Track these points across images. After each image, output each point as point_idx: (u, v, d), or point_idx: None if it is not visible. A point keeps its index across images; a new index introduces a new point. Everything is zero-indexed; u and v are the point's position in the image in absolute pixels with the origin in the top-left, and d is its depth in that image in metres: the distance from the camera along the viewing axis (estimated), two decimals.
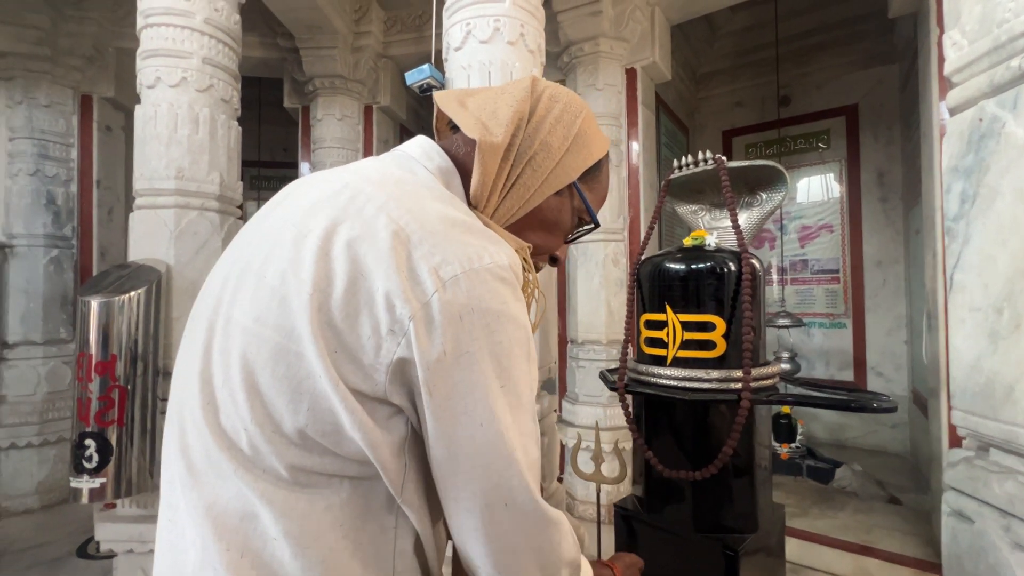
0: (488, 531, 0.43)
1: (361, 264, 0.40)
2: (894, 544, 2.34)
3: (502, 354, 0.42)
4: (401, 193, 0.45)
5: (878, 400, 1.00)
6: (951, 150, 0.96)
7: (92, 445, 1.56)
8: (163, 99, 1.86)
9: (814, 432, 3.97)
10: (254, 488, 0.41)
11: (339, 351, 0.40)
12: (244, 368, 0.41)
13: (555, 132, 0.55)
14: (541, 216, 0.57)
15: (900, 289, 3.72)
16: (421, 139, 0.56)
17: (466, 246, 0.42)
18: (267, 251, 0.44)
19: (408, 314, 0.39)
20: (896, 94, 3.72)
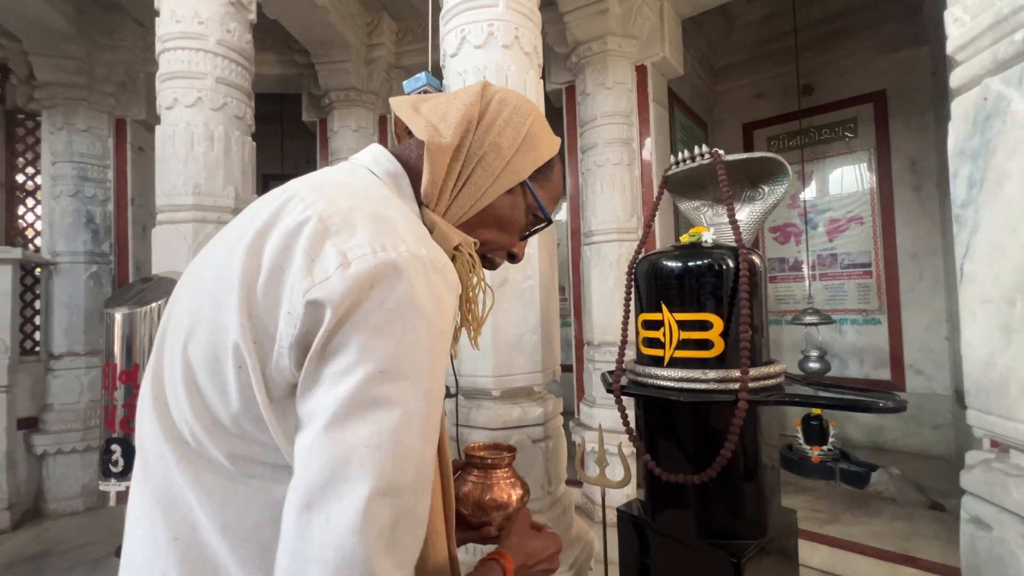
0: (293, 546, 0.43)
1: (282, 257, 0.41)
2: (935, 553, 2.20)
3: (399, 340, 0.40)
4: (336, 195, 0.46)
5: (885, 400, 0.94)
6: (957, 132, 0.90)
7: (118, 450, 1.64)
8: (180, 119, 1.95)
9: (849, 434, 3.79)
10: (196, 480, 0.43)
11: (264, 340, 0.41)
12: (184, 364, 0.44)
13: (504, 133, 0.57)
14: (494, 214, 0.59)
15: (939, 282, 3.52)
16: (373, 147, 0.59)
17: (382, 235, 0.42)
18: (210, 257, 0.48)
19: (303, 289, 0.39)
20: (928, 77, 3.54)
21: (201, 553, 0.43)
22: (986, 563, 0.85)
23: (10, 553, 2.60)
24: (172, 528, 0.43)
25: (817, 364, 3.29)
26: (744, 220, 1.30)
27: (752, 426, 1.12)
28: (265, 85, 3.80)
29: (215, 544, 0.43)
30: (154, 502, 0.44)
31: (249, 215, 0.49)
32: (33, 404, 3.20)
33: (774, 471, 1.21)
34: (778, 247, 4.23)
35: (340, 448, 0.37)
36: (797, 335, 3.91)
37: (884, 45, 3.74)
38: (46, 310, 3.27)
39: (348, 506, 0.36)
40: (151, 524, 0.44)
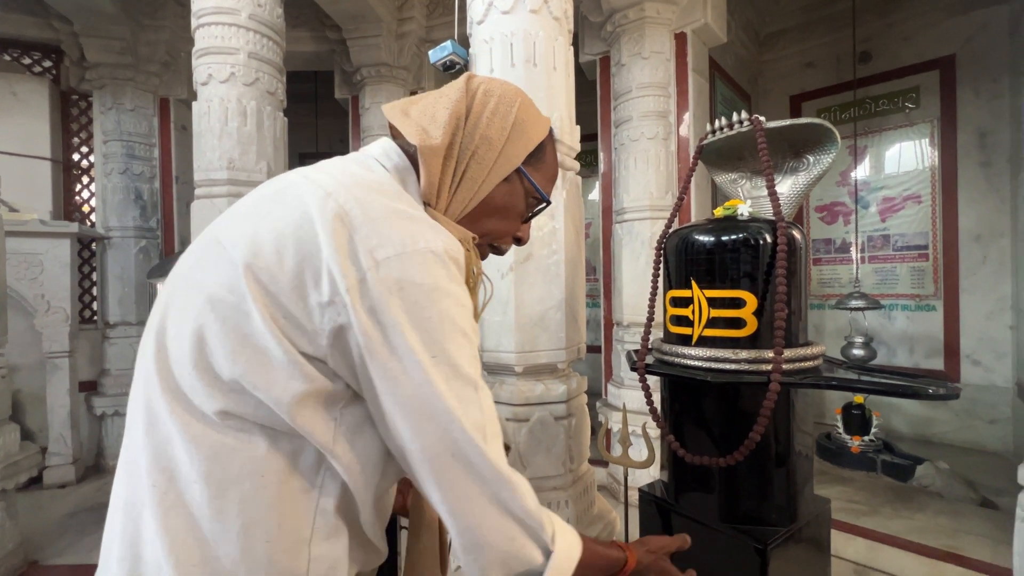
0: (439, 480, 0.46)
1: (308, 244, 0.45)
2: (984, 552, 2.08)
3: (432, 327, 0.46)
4: (352, 183, 0.49)
5: (936, 386, 0.87)
6: None
7: None
8: (215, 95, 1.98)
9: (894, 425, 3.60)
10: (187, 429, 0.45)
11: (286, 317, 0.45)
12: (196, 320, 0.46)
13: (492, 125, 0.58)
14: (494, 204, 0.61)
15: (1004, 266, 3.24)
16: (383, 140, 0.61)
17: (402, 231, 0.46)
18: (232, 226, 0.50)
19: (345, 287, 0.43)
20: (1005, 40, 3.20)
21: (178, 500, 0.45)
22: None
23: (75, 503, 2.84)
24: (152, 475, 0.45)
25: (862, 351, 3.12)
26: (785, 193, 1.22)
27: (785, 410, 1.07)
28: (299, 63, 3.83)
29: (194, 491, 0.45)
30: (139, 449, 0.47)
31: (266, 193, 0.51)
32: (92, 369, 3.44)
33: (807, 458, 1.15)
34: (824, 227, 3.99)
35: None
36: (841, 320, 3.71)
37: (954, 5, 3.39)
38: (101, 282, 3.47)
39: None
40: (133, 469, 0.47)
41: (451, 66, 1.60)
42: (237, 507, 0.45)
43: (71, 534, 2.48)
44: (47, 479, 3.04)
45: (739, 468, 1.04)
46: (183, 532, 0.44)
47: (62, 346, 3.08)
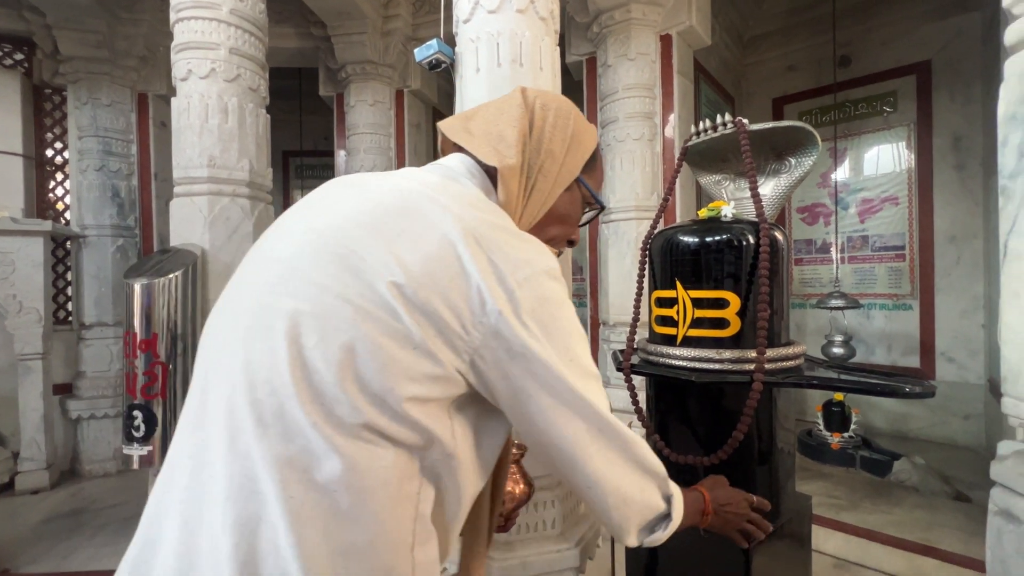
0: (589, 454, 0.54)
1: (454, 266, 0.48)
2: (957, 545, 2.14)
3: (564, 336, 0.53)
4: (467, 204, 0.53)
5: (912, 384, 0.89)
6: (1008, 95, 0.82)
7: (139, 416, 1.70)
8: (195, 90, 1.94)
9: (872, 421, 3.69)
10: (330, 441, 0.45)
11: (439, 334, 0.47)
12: (348, 333, 0.46)
13: (555, 139, 0.62)
14: (557, 212, 0.65)
15: (977, 267, 3.34)
16: (463, 157, 0.63)
17: (526, 252, 0.52)
18: (361, 236, 0.49)
19: (497, 310, 0.48)
20: (978, 46, 3.29)
21: (315, 512, 0.44)
22: (1013, 556, 0.80)
23: (49, 509, 2.76)
24: (287, 487, 0.44)
25: (841, 349, 3.19)
26: (768, 194, 1.23)
27: (767, 409, 1.08)
28: (282, 59, 3.77)
29: (335, 500, 0.45)
30: (254, 461, 0.44)
31: (390, 205, 0.51)
32: (67, 371, 3.34)
33: (789, 455, 1.17)
34: (805, 228, 4.07)
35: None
36: (822, 319, 3.78)
37: (931, 11, 3.49)
38: (76, 281, 3.38)
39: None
40: (244, 484, 0.44)
41: (437, 65, 1.59)
42: (373, 516, 0.46)
43: (45, 541, 2.41)
44: (19, 485, 2.95)
45: (723, 467, 1.05)
46: (318, 545, 0.43)
47: (35, 348, 3.00)
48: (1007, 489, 0.83)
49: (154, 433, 1.73)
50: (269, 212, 2.16)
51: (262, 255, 0.54)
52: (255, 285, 0.51)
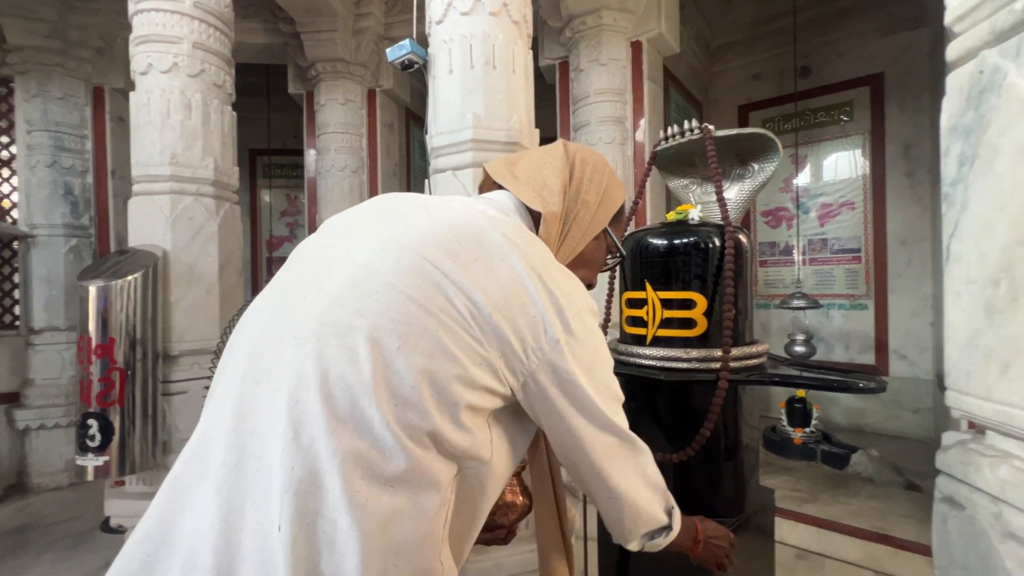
0: (612, 462, 0.61)
1: (523, 296, 0.53)
2: (909, 532, 2.25)
3: (602, 366, 0.60)
4: (524, 239, 0.58)
5: (866, 381, 0.94)
6: (950, 108, 0.88)
7: (95, 425, 1.62)
8: (155, 85, 1.87)
9: (832, 417, 3.85)
10: (400, 440, 0.46)
11: (503, 356, 0.52)
12: (426, 342, 0.49)
13: (590, 191, 0.69)
14: (584, 257, 0.72)
15: (926, 268, 3.54)
16: (509, 195, 0.68)
17: (574, 289, 0.57)
18: (439, 256, 0.52)
19: (556, 338, 0.54)
20: (926, 61, 3.49)
21: (376, 508, 0.45)
22: (956, 541, 0.85)
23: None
24: (352, 482, 0.44)
25: (803, 348, 3.32)
26: (733, 198, 1.28)
27: (733, 405, 1.12)
28: (249, 55, 3.67)
29: (392, 495, 0.46)
30: (343, 453, 0.45)
31: (463, 231, 0.55)
32: (13, 379, 3.15)
33: (754, 451, 1.21)
34: (769, 231, 4.22)
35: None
36: (785, 319, 3.93)
37: (883, 26, 3.67)
38: (24, 284, 3.19)
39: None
40: (305, 476, 0.44)
41: (409, 65, 1.58)
42: (425, 517, 0.48)
43: None
44: None
45: (691, 462, 1.08)
46: (376, 541, 0.44)
47: None
48: (950, 477, 0.89)
49: (111, 442, 1.65)
50: (235, 212, 2.10)
51: (325, 257, 0.56)
52: (325, 287, 0.52)
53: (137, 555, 0.46)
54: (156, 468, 1.79)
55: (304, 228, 4.38)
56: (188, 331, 1.91)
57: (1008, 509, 0.76)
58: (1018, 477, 0.76)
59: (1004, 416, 0.78)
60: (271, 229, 5.50)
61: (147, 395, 1.75)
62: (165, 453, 1.83)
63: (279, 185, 5.54)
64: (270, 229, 5.49)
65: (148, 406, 1.75)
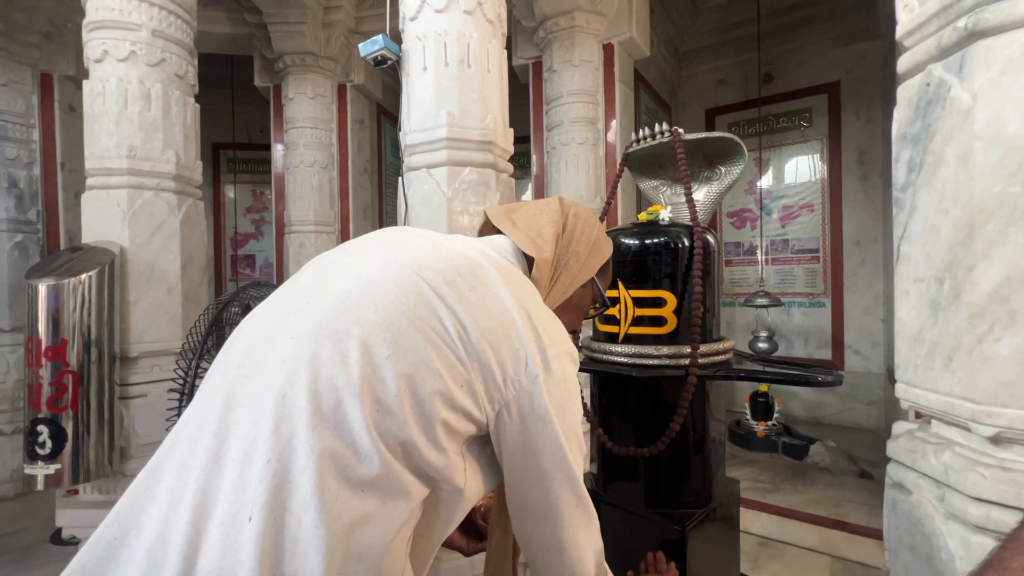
0: (568, 521, 0.59)
1: (510, 329, 0.55)
2: (862, 517, 2.38)
3: (572, 412, 0.59)
4: (517, 280, 0.60)
5: (824, 375, 0.99)
6: (900, 117, 0.94)
7: (45, 431, 1.53)
8: (111, 74, 1.78)
9: (792, 410, 4.02)
10: (376, 445, 0.47)
11: (483, 383, 0.53)
12: (413, 355, 0.50)
13: (581, 242, 0.73)
14: (571, 304, 0.75)
15: (878, 268, 3.74)
16: (506, 239, 0.71)
17: (558, 332, 0.59)
18: (438, 281, 0.55)
19: (535, 374, 0.55)
20: (877, 71, 3.68)
21: (346, 507, 0.45)
22: (904, 524, 0.91)
23: None
24: (325, 480, 0.45)
25: (766, 344, 3.45)
26: (700, 200, 1.32)
27: (701, 400, 1.16)
28: (212, 45, 3.54)
29: (362, 499, 0.46)
30: (320, 451, 0.45)
31: (461, 265, 0.58)
32: None
33: (720, 444, 1.26)
34: (735, 231, 4.37)
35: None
36: (749, 317, 4.08)
37: (840, 37, 3.85)
38: None
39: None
40: (278, 470, 0.44)
41: (383, 61, 1.56)
42: (392, 524, 0.48)
43: None
44: None
45: (661, 456, 1.12)
46: (340, 542, 0.45)
47: None
48: (900, 464, 0.95)
49: (63, 449, 1.57)
50: (198, 208, 2.03)
51: (331, 270, 0.59)
52: (327, 295, 0.55)
53: (104, 538, 0.46)
54: (113, 476, 1.71)
55: (271, 225, 4.25)
56: (147, 332, 1.82)
57: (950, 492, 0.82)
58: (959, 462, 0.82)
59: (947, 406, 0.84)
60: (236, 226, 5.31)
61: (103, 399, 1.66)
62: (123, 459, 1.75)
63: (244, 181, 5.36)
64: (235, 226, 5.31)
65: (104, 410, 1.67)
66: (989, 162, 0.77)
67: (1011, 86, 0.75)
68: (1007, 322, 0.76)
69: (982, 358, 0.78)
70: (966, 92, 0.79)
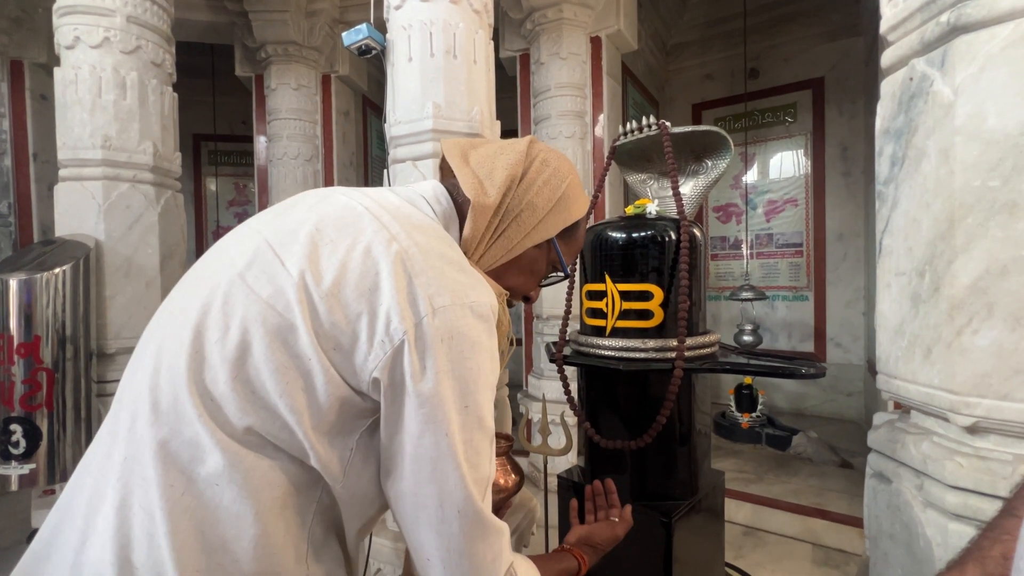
0: (440, 531, 0.48)
1: (369, 282, 0.47)
2: (843, 506, 2.43)
3: (470, 379, 0.49)
4: (411, 227, 0.52)
5: (807, 367, 1.00)
6: (884, 112, 0.95)
7: (19, 430, 1.49)
8: (84, 61, 1.72)
9: (776, 402, 4.09)
10: (214, 435, 0.44)
11: (336, 349, 0.46)
12: (243, 333, 0.46)
13: (541, 194, 0.62)
14: (520, 264, 0.65)
15: (860, 262, 3.80)
16: (435, 184, 0.64)
17: (456, 283, 0.50)
18: (289, 241, 0.50)
19: (402, 331, 0.46)
20: (861, 67, 3.73)
21: (195, 503, 0.44)
22: (884, 512, 0.93)
23: None
24: (168, 475, 0.44)
25: (750, 337, 3.50)
26: (687, 194, 1.32)
27: (687, 393, 1.17)
28: (192, 33, 3.44)
29: (216, 493, 0.44)
30: (144, 445, 0.45)
31: (327, 214, 0.52)
32: None
33: (706, 436, 1.27)
34: (720, 226, 4.41)
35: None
36: (734, 310, 4.13)
37: (824, 33, 3.89)
38: None
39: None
40: (133, 467, 0.45)
41: (367, 51, 1.53)
42: (253, 515, 0.45)
43: None
44: None
45: (648, 449, 1.12)
46: (192, 537, 0.43)
47: None
48: (880, 454, 0.96)
49: (37, 448, 1.52)
50: (178, 201, 1.98)
51: (214, 252, 0.55)
52: (195, 279, 0.52)
53: (49, 524, 0.48)
54: None
55: None
56: (125, 327, 1.78)
57: (928, 481, 0.84)
58: (937, 451, 0.83)
59: (926, 397, 0.86)
60: (218, 219, 5.21)
61: (79, 396, 1.62)
62: None
63: (226, 173, 5.24)
64: (217, 219, 5.20)
65: (80, 408, 1.63)
66: (969, 156, 0.78)
67: (991, 81, 0.76)
68: (985, 314, 0.77)
69: (960, 350, 0.79)
70: (948, 87, 0.80)
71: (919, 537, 0.83)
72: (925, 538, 0.82)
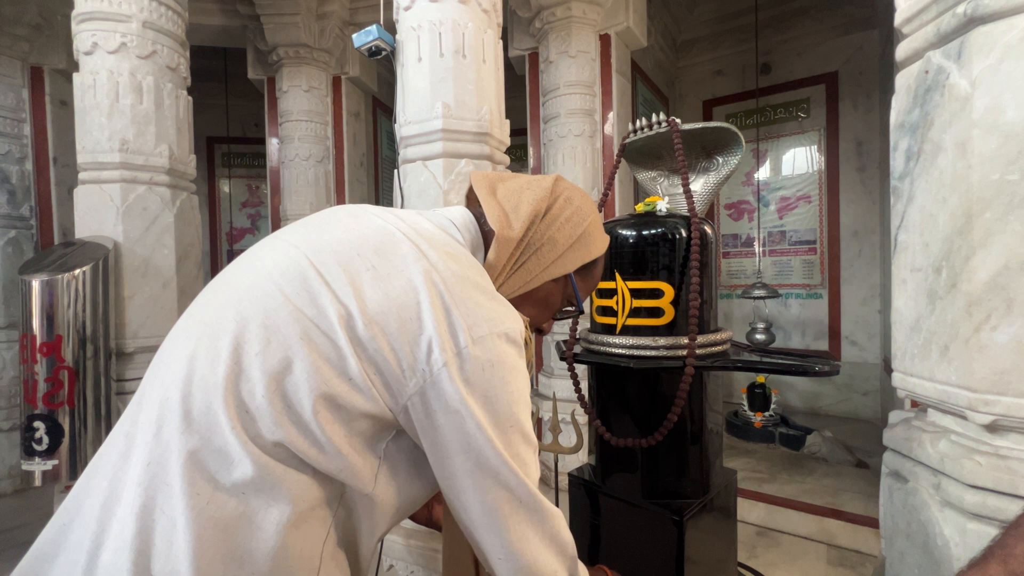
0: (505, 526, 0.52)
1: (411, 311, 0.49)
2: (858, 506, 2.40)
3: (511, 400, 0.52)
4: (446, 255, 0.54)
5: (820, 364, 0.99)
6: (899, 105, 0.93)
7: (42, 427, 1.53)
8: (102, 66, 1.76)
9: (789, 401, 4.04)
10: (245, 447, 0.45)
11: (377, 373, 0.48)
12: (286, 349, 0.47)
13: (563, 230, 0.64)
14: (536, 296, 0.67)
15: (875, 259, 3.74)
16: (462, 210, 0.66)
17: (492, 312, 0.52)
18: (329, 263, 0.51)
19: (442, 361, 0.48)
20: (876, 61, 3.66)
21: (219, 512, 0.44)
22: (900, 512, 0.91)
23: None
24: (195, 483, 0.44)
25: (763, 335, 3.46)
26: (698, 191, 1.31)
27: (698, 392, 1.16)
28: (205, 37, 3.49)
29: (241, 502, 0.45)
30: (170, 452, 0.45)
31: (370, 239, 0.53)
32: None
33: (718, 435, 1.26)
34: (732, 223, 4.36)
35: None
36: (747, 308, 4.09)
37: (838, 27, 3.83)
38: None
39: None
40: (158, 472, 0.45)
41: (377, 52, 1.54)
42: (275, 526, 0.45)
43: None
44: None
45: (659, 448, 1.12)
46: (212, 547, 0.43)
47: None
48: (896, 453, 0.95)
49: (60, 445, 1.56)
50: (192, 202, 2.01)
51: (247, 259, 0.56)
52: (228, 288, 0.53)
53: (56, 524, 0.48)
54: None
55: (267, 219, 4.23)
56: (144, 327, 1.82)
57: (946, 480, 0.82)
58: (955, 450, 0.82)
59: (944, 395, 0.84)
60: (232, 221, 5.28)
61: (99, 394, 1.66)
62: None
63: (239, 175, 5.32)
64: (230, 221, 5.28)
65: (101, 406, 1.66)
66: (987, 150, 0.76)
67: (1010, 73, 0.74)
68: (1004, 311, 0.76)
69: (979, 347, 0.78)
70: (965, 79, 0.79)
71: (936, 537, 0.82)
72: (942, 538, 0.81)
